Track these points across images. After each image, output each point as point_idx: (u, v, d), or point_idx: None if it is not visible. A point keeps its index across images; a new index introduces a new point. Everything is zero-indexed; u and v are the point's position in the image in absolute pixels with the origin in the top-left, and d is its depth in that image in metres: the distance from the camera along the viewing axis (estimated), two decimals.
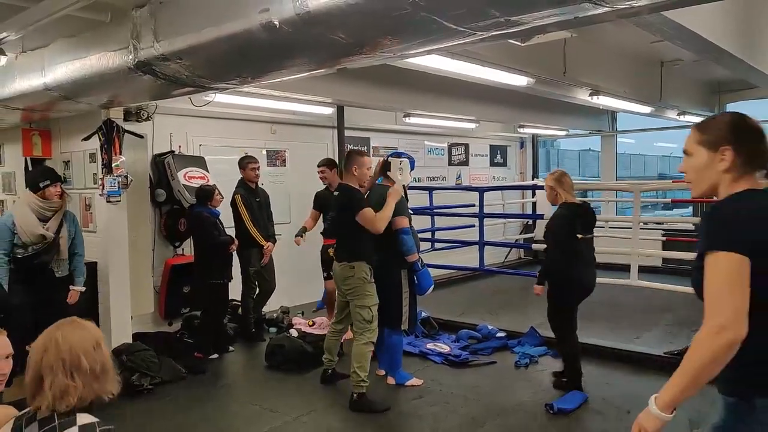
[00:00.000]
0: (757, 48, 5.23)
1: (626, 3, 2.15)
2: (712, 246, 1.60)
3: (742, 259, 1.56)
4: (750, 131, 1.75)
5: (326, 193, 5.68)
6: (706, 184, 1.80)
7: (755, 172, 1.72)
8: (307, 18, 2.52)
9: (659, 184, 8.97)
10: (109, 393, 1.68)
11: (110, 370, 1.70)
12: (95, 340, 1.70)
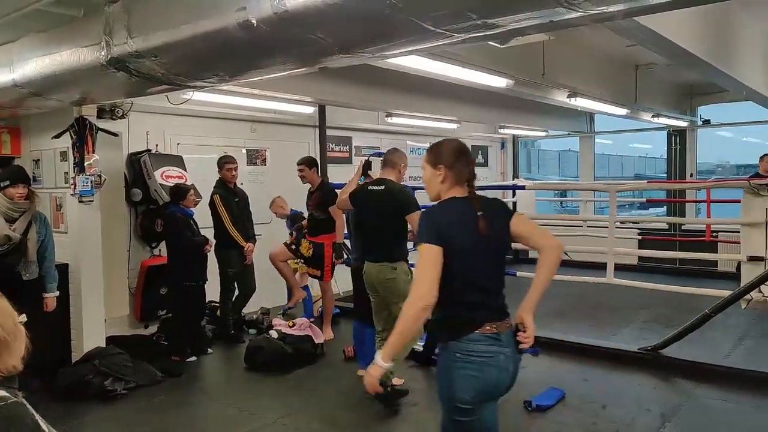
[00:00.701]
0: (727, 53, 5.35)
1: (598, 8, 2.18)
2: (420, 239, 2.21)
3: (437, 249, 2.17)
4: (460, 155, 2.36)
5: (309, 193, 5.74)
6: (434, 191, 2.40)
7: (463, 184, 2.34)
8: (285, 17, 2.51)
9: (634, 185, 9.12)
10: (6, 369, 1.52)
11: (3, 346, 1.52)
12: None
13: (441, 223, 2.24)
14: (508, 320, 2.31)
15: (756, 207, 5.10)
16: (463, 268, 2.20)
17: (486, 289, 2.29)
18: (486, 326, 2.21)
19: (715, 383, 4.50)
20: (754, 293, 4.84)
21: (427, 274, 2.14)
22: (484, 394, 2.21)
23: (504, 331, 2.25)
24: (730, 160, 25.71)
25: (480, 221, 2.23)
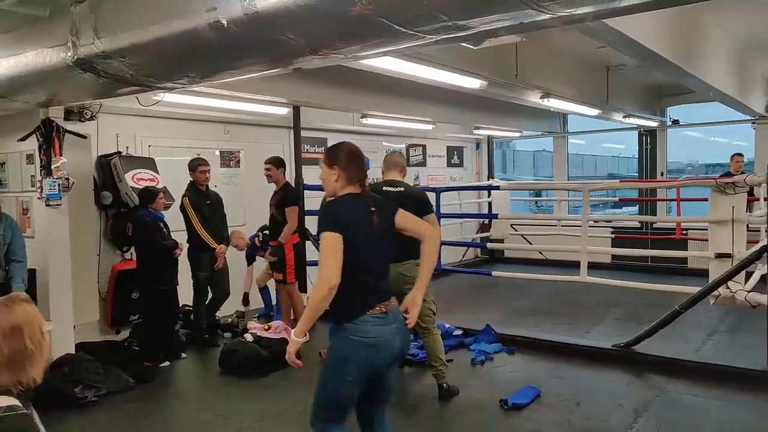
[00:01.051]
0: (693, 55, 5.46)
1: (567, 11, 2.21)
2: (322, 228, 2.50)
3: (337, 236, 2.46)
4: (353, 157, 2.66)
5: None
6: (330, 189, 2.69)
7: (356, 183, 2.64)
8: (255, 18, 2.49)
9: (606, 184, 9.27)
10: (27, 382, 1.56)
11: (28, 359, 1.57)
12: (13, 324, 1.57)
13: (340, 215, 2.55)
14: (394, 300, 2.65)
15: (722, 205, 5.21)
16: (358, 256, 2.48)
17: (376, 275, 2.61)
18: (376, 307, 2.54)
19: (685, 378, 4.59)
20: (722, 289, 4.95)
21: (331, 258, 2.43)
22: (369, 370, 2.56)
23: (391, 309, 2.59)
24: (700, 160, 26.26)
25: (374, 216, 2.59)
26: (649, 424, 3.85)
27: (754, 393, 4.29)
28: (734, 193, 5.24)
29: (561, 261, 8.38)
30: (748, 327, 5.68)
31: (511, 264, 10.20)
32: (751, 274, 5.37)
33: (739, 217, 5.25)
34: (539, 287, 7.98)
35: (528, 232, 10.12)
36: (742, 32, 6.43)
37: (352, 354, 2.50)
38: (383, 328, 2.54)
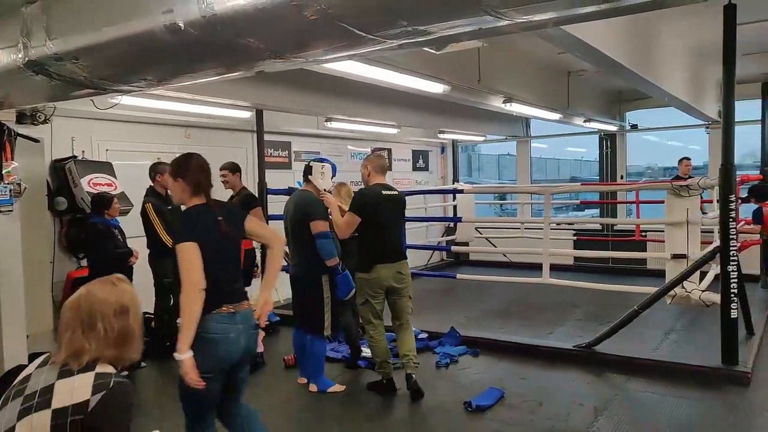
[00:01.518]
0: (649, 62, 5.62)
1: (524, 17, 2.24)
2: (178, 240, 2.74)
3: (194, 244, 2.69)
4: (198, 171, 2.90)
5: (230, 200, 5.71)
6: (177, 198, 2.95)
7: (201, 194, 2.87)
8: (213, 21, 2.45)
9: (567, 187, 9.46)
10: (128, 360, 1.68)
11: (132, 338, 1.67)
12: (119, 305, 1.66)
13: (193, 225, 2.81)
14: (247, 302, 2.86)
15: (677, 207, 5.38)
16: (208, 261, 2.69)
17: (227, 278, 2.82)
18: (223, 307, 2.74)
19: (644, 376, 4.71)
20: (678, 289, 5.11)
21: (194, 264, 2.66)
22: (216, 365, 2.73)
23: (240, 310, 2.80)
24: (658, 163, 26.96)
25: (221, 224, 2.82)
26: (609, 422, 3.93)
27: (708, 389, 4.43)
28: (688, 196, 5.42)
29: (525, 263, 8.51)
30: (702, 325, 5.86)
31: (476, 267, 10.32)
32: (705, 274, 5.55)
33: (694, 219, 5.43)
34: (504, 289, 8.08)
35: (492, 235, 10.25)
36: (694, 40, 6.64)
37: (199, 349, 2.64)
38: (228, 326, 2.73)
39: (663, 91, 6.28)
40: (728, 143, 4.61)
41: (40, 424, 1.48)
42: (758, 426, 3.87)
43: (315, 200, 4.45)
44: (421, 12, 2.25)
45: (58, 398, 1.49)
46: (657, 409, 4.18)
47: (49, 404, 1.49)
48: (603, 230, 10.14)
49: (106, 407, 1.50)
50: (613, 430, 3.82)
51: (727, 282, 4.65)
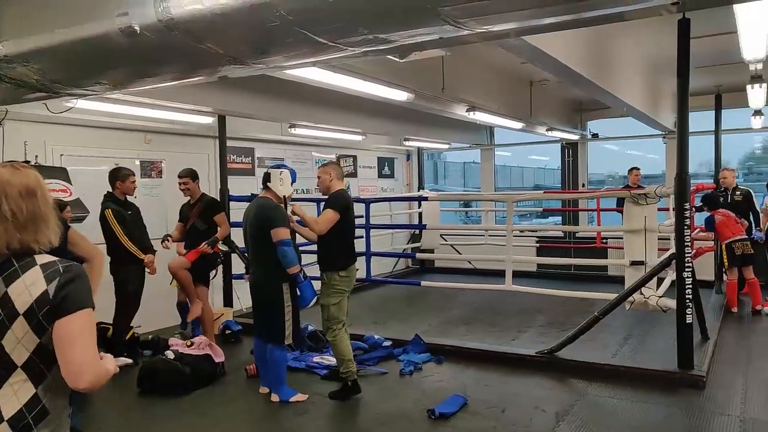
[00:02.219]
0: (607, 73, 5.76)
1: (483, 27, 2.26)
2: None
3: None
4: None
5: (187, 206, 5.78)
6: None
7: None
8: (170, 25, 2.42)
9: (529, 195, 9.60)
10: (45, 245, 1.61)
11: (44, 221, 1.62)
12: (24, 186, 1.59)
13: None
14: None
15: (635, 215, 5.50)
16: None
17: None
18: None
19: (604, 381, 4.78)
20: (636, 295, 5.21)
21: None
22: None
23: None
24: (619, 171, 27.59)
25: None
26: (570, 427, 3.97)
27: (665, 393, 4.52)
28: (646, 203, 5.55)
29: (490, 270, 8.58)
30: (660, 330, 6.00)
31: (441, 273, 10.35)
32: (662, 280, 5.69)
33: (651, 226, 5.56)
34: (468, 296, 8.13)
35: (457, 242, 10.32)
36: (651, 52, 6.83)
37: None
38: None
39: (621, 101, 6.43)
40: (683, 153, 4.73)
41: (23, 331, 1.52)
42: (714, 428, 3.96)
43: (275, 207, 4.41)
44: (381, 21, 2.25)
45: (19, 302, 1.51)
46: (616, 413, 4.25)
47: (16, 311, 1.52)
48: (565, 237, 10.31)
49: (64, 288, 1.54)
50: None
51: (682, 288, 4.77)
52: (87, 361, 1.56)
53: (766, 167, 8.84)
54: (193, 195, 5.69)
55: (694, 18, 4.41)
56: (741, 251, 6.96)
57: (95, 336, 1.64)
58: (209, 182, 7.16)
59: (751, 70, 6.22)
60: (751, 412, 4.13)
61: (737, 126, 9.54)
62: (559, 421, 4.05)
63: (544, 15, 2.36)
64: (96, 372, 1.58)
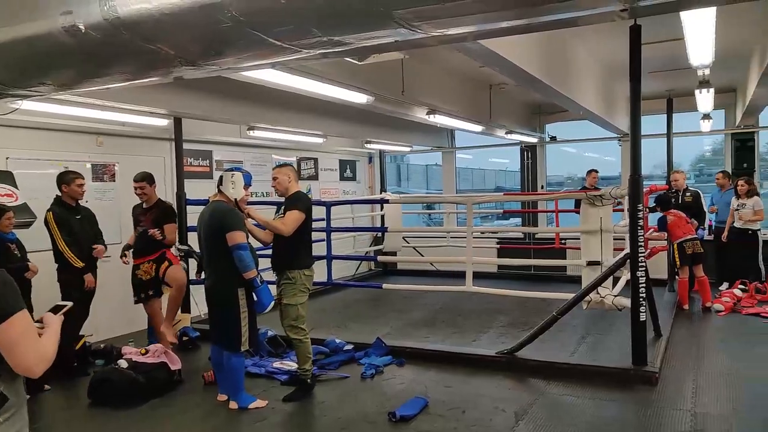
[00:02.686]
0: (563, 77, 5.87)
1: (438, 31, 2.26)
2: None
3: None
4: None
5: (139, 209, 5.62)
6: None
7: None
8: (117, 24, 2.34)
9: (488, 197, 9.73)
10: None
11: None
12: None
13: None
14: None
15: (591, 216, 5.61)
16: None
17: None
18: None
19: (562, 380, 4.85)
20: (593, 294, 5.32)
21: None
22: None
23: None
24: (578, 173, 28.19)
25: None
26: (528, 426, 4.02)
27: (620, 389, 4.62)
28: (602, 205, 5.66)
29: (452, 271, 8.64)
30: (616, 328, 6.14)
31: (404, 276, 10.38)
32: (618, 279, 5.81)
33: (607, 226, 5.67)
34: (431, 298, 8.16)
35: (419, 244, 10.35)
36: (605, 57, 7.00)
37: None
38: None
39: (577, 105, 6.57)
40: (636, 156, 4.85)
41: None
42: (666, 422, 4.06)
43: (230, 211, 4.33)
44: (334, 23, 2.23)
45: None
46: (574, 411, 4.32)
47: None
48: (525, 238, 10.46)
49: None
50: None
51: (636, 287, 4.88)
52: (32, 359, 1.66)
53: (716, 169, 9.22)
54: (150, 199, 5.54)
55: (645, 24, 4.52)
56: (692, 250, 7.18)
57: (34, 331, 1.73)
58: (165, 186, 7.00)
59: (699, 76, 6.44)
60: (701, 406, 4.25)
61: (689, 129, 9.85)
62: (518, 421, 4.09)
63: (498, 19, 2.38)
64: (44, 359, 1.71)
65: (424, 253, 10.08)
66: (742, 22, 5.28)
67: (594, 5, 2.28)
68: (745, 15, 5.10)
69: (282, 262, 4.64)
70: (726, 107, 9.49)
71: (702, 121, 9.03)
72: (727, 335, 6.19)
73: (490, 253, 9.65)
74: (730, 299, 7.22)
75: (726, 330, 6.40)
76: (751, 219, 7.87)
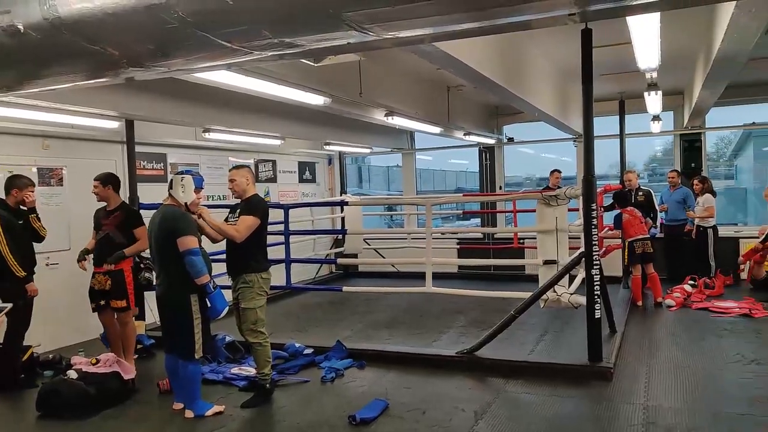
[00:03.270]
0: (519, 79, 5.96)
1: (390, 34, 2.26)
2: None
3: None
4: None
5: (101, 212, 5.34)
6: None
7: None
8: (57, 24, 2.26)
9: (448, 198, 9.81)
10: None
11: None
12: None
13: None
14: None
15: (547, 216, 5.70)
16: None
17: None
18: None
19: (521, 378, 4.91)
20: (550, 293, 5.40)
21: None
22: None
23: None
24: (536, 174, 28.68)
25: None
26: (488, 425, 4.05)
27: (577, 386, 4.71)
28: (557, 205, 5.76)
29: (413, 273, 8.66)
30: (573, 326, 6.25)
31: (365, 278, 10.37)
32: (574, 277, 5.93)
33: (562, 226, 5.78)
34: (391, 300, 8.17)
35: (380, 246, 10.35)
36: (559, 59, 7.14)
37: None
38: None
39: (533, 106, 6.68)
40: (589, 157, 4.96)
41: None
42: (620, 416, 4.15)
43: (181, 215, 4.25)
44: (285, 25, 2.20)
45: None
46: (532, 408, 4.38)
47: None
48: (484, 239, 10.58)
49: None
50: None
51: (591, 285, 4.99)
52: None
53: (668, 168, 9.58)
54: (111, 202, 5.27)
55: (596, 28, 4.62)
56: (641, 250, 7.39)
57: None
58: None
59: (647, 78, 6.62)
60: (653, 400, 4.37)
61: (640, 130, 10.13)
62: (477, 420, 4.12)
63: (450, 22, 2.38)
64: None
65: (385, 254, 10.08)
66: (686, 26, 5.45)
67: (545, 9, 2.30)
68: (689, 20, 5.26)
69: (238, 266, 4.57)
70: (674, 109, 9.82)
71: (652, 122, 9.31)
72: (678, 330, 6.38)
73: (450, 254, 9.72)
74: (680, 295, 7.46)
75: (677, 325, 6.60)
76: (701, 216, 8.19)
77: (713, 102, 7.42)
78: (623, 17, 3.61)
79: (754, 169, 15.08)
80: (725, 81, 6.02)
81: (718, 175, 14.58)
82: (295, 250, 7.41)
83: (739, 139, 15.27)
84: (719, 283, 7.98)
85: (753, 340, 5.84)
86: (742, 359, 5.20)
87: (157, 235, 4.26)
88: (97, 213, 5.37)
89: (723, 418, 3.99)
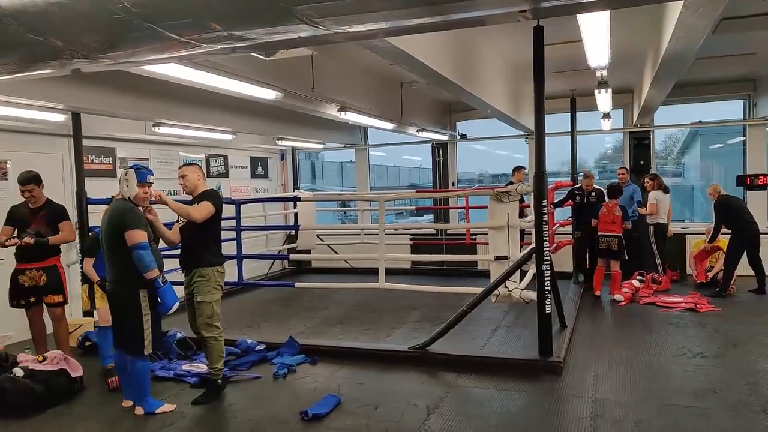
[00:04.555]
0: (472, 76, 6.03)
1: (342, 28, 2.26)
2: None
3: None
4: None
5: (25, 210, 5.18)
6: None
7: None
8: (0, 13, 2.16)
9: (400, 194, 9.87)
10: None
11: None
12: None
13: None
14: None
15: (498, 212, 5.81)
16: None
17: None
18: None
19: (473, 372, 4.99)
20: (501, 288, 5.50)
21: None
22: None
23: None
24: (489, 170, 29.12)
25: None
26: (440, 419, 4.11)
27: (528, 380, 4.81)
28: (508, 201, 5.88)
29: (366, 268, 8.67)
30: (525, 321, 6.39)
31: (319, 274, 10.33)
32: (525, 273, 6.06)
33: (513, 222, 5.90)
34: (345, 295, 8.17)
35: (334, 242, 10.33)
36: (512, 57, 7.26)
37: None
38: None
39: (485, 103, 6.78)
40: (540, 154, 5.06)
41: None
42: (569, 409, 4.26)
43: (130, 209, 4.16)
44: (234, 18, 2.18)
45: None
46: (484, 403, 4.45)
47: None
48: (437, 235, 10.68)
49: None
50: (443, 426, 3.99)
51: (541, 280, 5.10)
52: None
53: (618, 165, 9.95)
54: (39, 200, 5.17)
55: (548, 25, 4.69)
56: (606, 246, 7.59)
57: None
58: (64, 184, 6.59)
59: (598, 77, 6.80)
60: (601, 393, 4.48)
61: (591, 128, 10.40)
62: (429, 414, 4.17)
63: (402, 17, 2.40)
64: None
65: (339, 250, 10.06)
66: (636, 25, 5.59)
67: (497, 5, 2.33)
68: (638, 19, 5.41)
69: (193, 260, 4.53)
70: (624, 107, 10.11)
71: (602, 120, 9.55)
72: (626, 324, 6.57)
73: (403, 250, 9.79)
74: (629, 290, 7.71)
75: (625, 319, 6.79)
76: (647, 212, 8.50)
77: (661, 100, 7.62)
78: (574, 15, 3.69)
79: (700, 167, 15.71)
80: (673, 80, 6.19)
81: (666, 173, 15.13)
82: (247, 245, 7.33)
83: (687, 138, 15.90)
84: (666, 279, 8.26)
85: (698, 333, 6.05)
86: (687, 352, 5.37)
87: (106, 230, 4.16)
88: (18, 210, 5.20)
89: (669, 410, 4.10)
